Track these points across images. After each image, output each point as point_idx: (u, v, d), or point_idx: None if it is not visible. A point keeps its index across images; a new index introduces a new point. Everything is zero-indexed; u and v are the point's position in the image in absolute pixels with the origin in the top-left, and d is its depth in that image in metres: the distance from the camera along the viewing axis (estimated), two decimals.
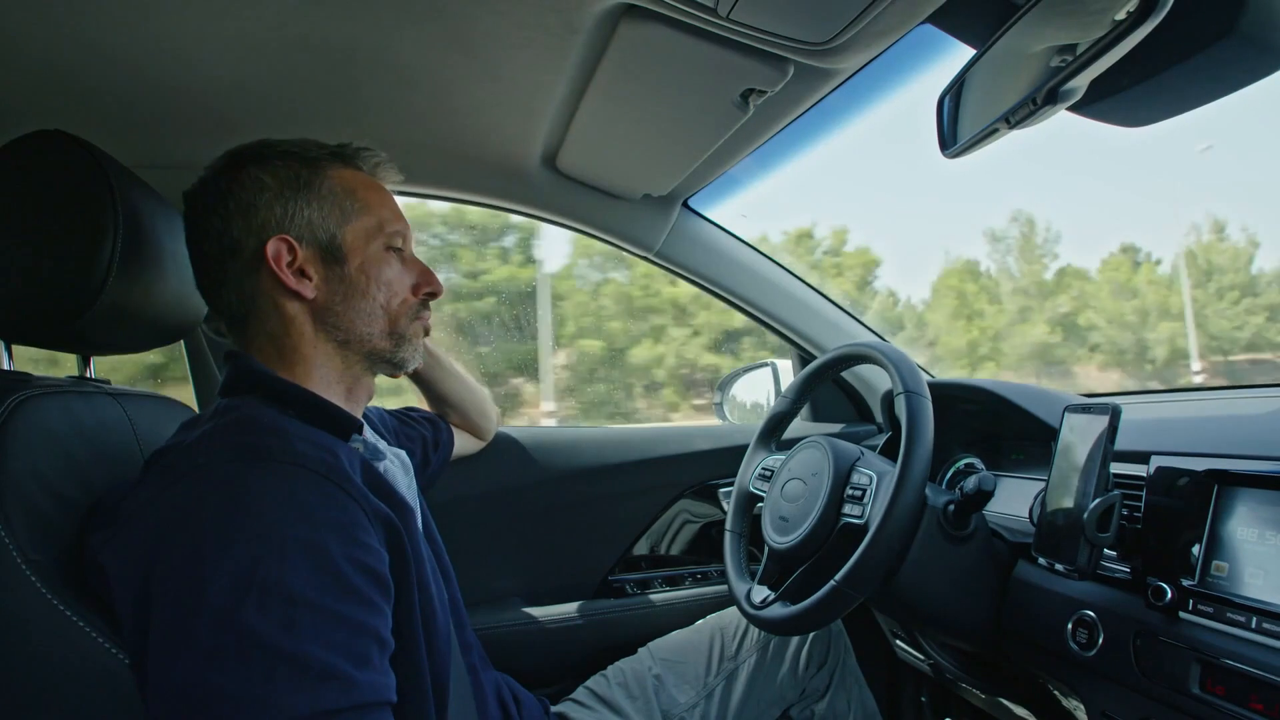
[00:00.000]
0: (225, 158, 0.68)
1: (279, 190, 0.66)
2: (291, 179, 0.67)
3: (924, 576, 0.82)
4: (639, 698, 0.99)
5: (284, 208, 0.66)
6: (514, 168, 1.18)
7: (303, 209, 0.67)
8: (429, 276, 0.75)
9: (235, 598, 0.48)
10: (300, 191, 0.67)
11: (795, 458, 0.95)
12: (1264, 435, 0.74)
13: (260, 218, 0.65)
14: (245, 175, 0.66)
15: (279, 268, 0.65)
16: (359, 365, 0.71)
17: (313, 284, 0.67)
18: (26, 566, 0.55)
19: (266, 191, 0.66)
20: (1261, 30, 0.55)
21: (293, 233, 0.66)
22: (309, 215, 0.67)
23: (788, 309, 1.39)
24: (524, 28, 0.81)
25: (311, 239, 0.67)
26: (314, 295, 0.67)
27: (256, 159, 0.67)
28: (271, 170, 0.67)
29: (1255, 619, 0.59)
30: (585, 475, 1.29)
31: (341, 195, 0.69)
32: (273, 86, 0.92)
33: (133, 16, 0.76)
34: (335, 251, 0.68)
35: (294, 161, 0.68)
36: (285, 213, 0.66)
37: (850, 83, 0.89)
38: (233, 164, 0.67)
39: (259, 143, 0.69)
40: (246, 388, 0.65)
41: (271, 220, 0.66)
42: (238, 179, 0.66)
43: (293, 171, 0.67)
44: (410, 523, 0.63)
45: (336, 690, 0.48)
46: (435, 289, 0.75)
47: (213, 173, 0.68)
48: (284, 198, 0.66)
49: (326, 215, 0.68)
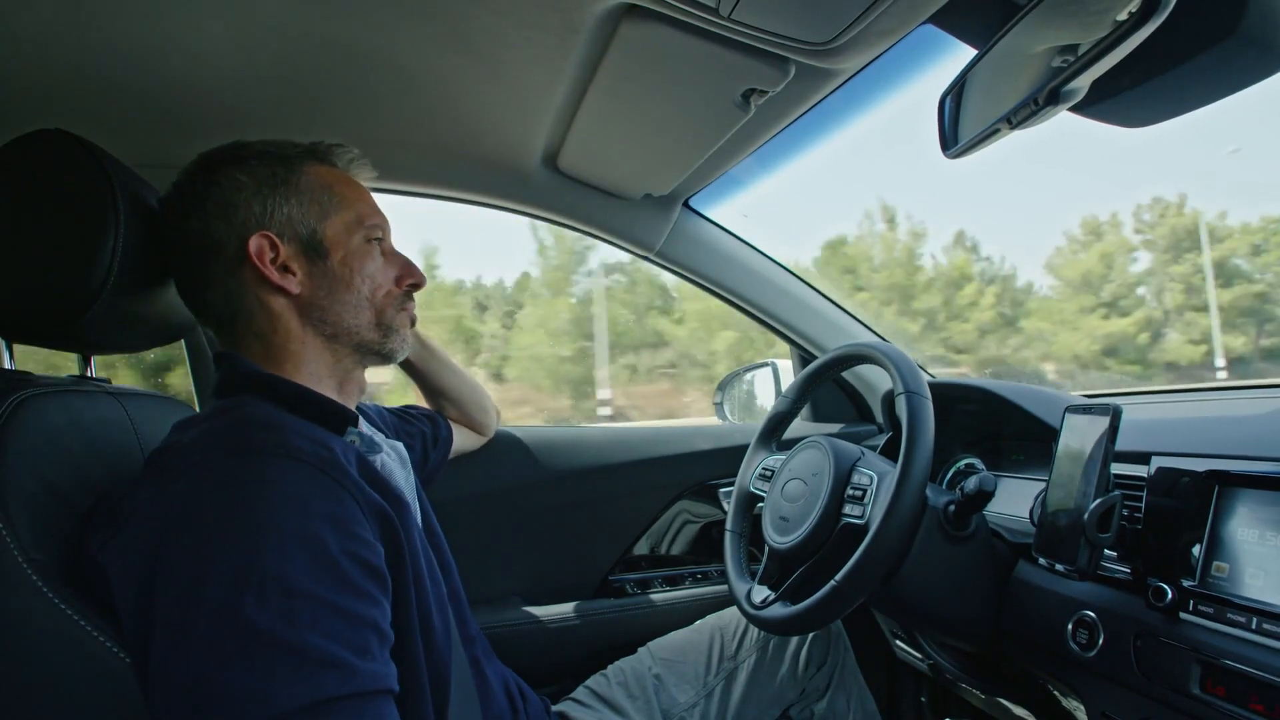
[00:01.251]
0: (198, 161, 0.68)
1: (257, 188, 0.66)
2: (269, 177, 0.67)
3: (924, 577, 0.82)
4: (639, 697, 0.99)
5: (263, 205, 0.66)
6: (515, 167, 1.18)
7: (282, 205, 0.67)
8: (411, 268, 0.75)
9: (234, 591, 0.48)
10: (278, 188, 0.67)
11: (796, 458, 0.95)
12: (1265, 436, 0.74)
13: (240, 216, 0.65)
14: (222, 175, 0.66)
15: (262, 264, 0.65)
16: (349, 358, 0.71)
17: (297, 279, 0.67)
18: (28, 565, 0.55)
19: (244, 190, 0.66)
20: (1263, 31, 0.55)
21: (274, 229, 0.66)
22: (289, 211, 0.67)
23: (788, 309, 1.39)
24: (525, 27, 0.81)
25: (293, 235, 0.67)
26: (299, 290, 0.67)
27: (232, 160, 0.67)
28: (248, 169, 0.67)
29: (1255, 620, 0.60)
30: (586, 475, 1.29)
31: (319, 190, 0.69)
32: (273, 86, 0.92)
33: (133, 16, 0.76)
34: (317, 246, 0.68)
35: (270, 160, 0.68)
36: (265, 210, 0.66)
37: (851, 83, 0.89)
38: (207, 166, 0.67)
39: (232, 144, 0.69)
40: (240, 387, 0.65)
41: (251, 218, 0.65)
42: (214, 180, 0.66)
43: (269, 169, 0.67)
44: (406, 516, 0.62)
45: (337, 678, 0.48)
46: (418, 280, 0.75)
47: (187, 176, 0.67)
48: (262, 195, 0.66)
49: (306, 211, 0.68)
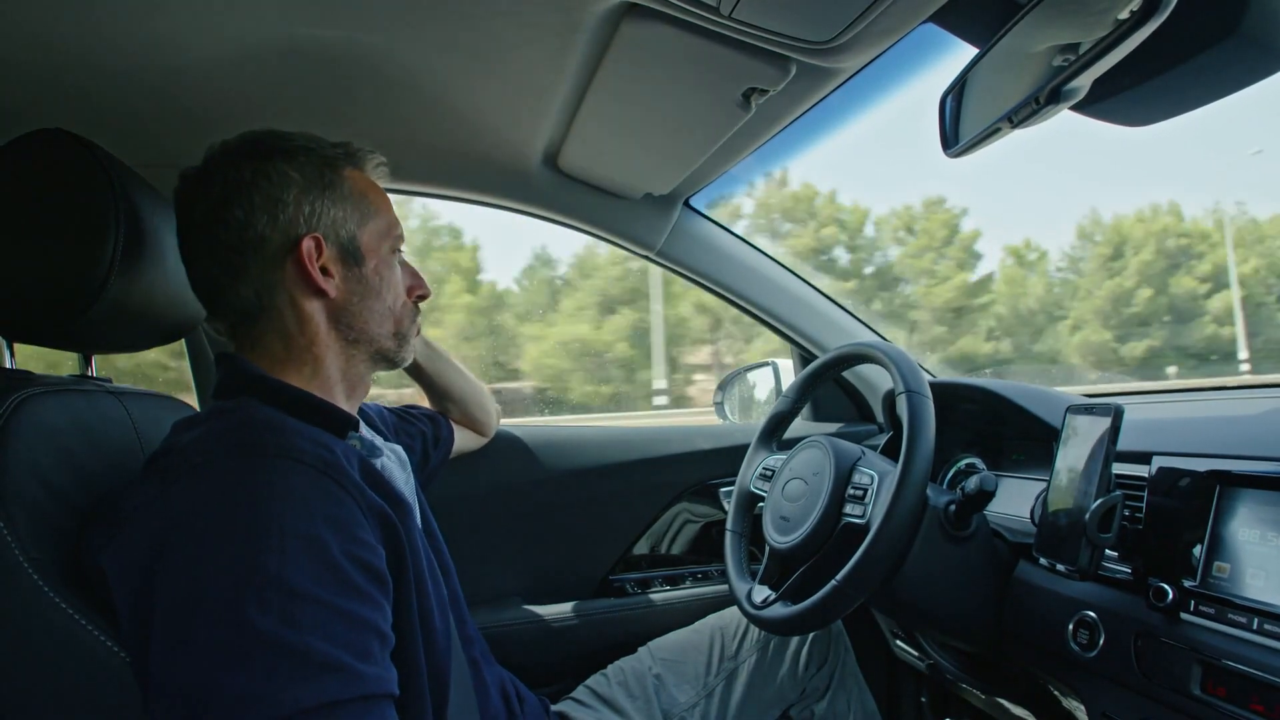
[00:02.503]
0: (244, 144, 0.66)
1: (306, 187, 0.66)
2: (316, 177, 0.67)
3: (925, 577, 0.82)
4: (639, 697, 0.99)
5: (311, 206, 0.66)
6: (515, 167, 1.18)
7: (329, 208, 0.67)
8: (420, 280, 0.76)
9: (235, 593, 0.48)
10: (326, 190, 0.67)
11: (796, 457, 0.95)
12: (1266, 436, 0.74)
13: (289, 214, 0.65)
14: (271, 168, 0.65)
15: (310, 264, 0.65)
16: (363, 364, 0.72)
17: (334, 283, 0.67)
18: (28, 564, 0.55)
19: (294, 187, 0.65)
20: (1264, 30, 0.55)
21: (321, 231, 0.66)
22: (334, 214, 0.67)
23: (789, 308, 1.38)
24: (525, 27, 0.81)
25: (335, 238, 0.67)
26: (335, 294, 0.67)
27: (281, 152, 0.66)
28: (297, 165, 0.66)
29: (1256, 620, 0.59)
30: (586, 474, 1.29)
31: (357, 197, 0.69)
32: (274, 85, 0.92)
33: (134, 16, 0.76)
34: (355, 252, 0.68)
35: (316, 159, 0.67)
36: (313, 211, 0.66)
37: (852, 82, 0.89)
38: (256, 153, 0.65)
39: (274, 133, 0.68)
40: (241, 389, 0.64)
41: (300, 217, 0.65)
42: (264, 170, 0.64)
43: (316, 169, 0.67)
44: (407, 519, 0.62)
45: (340, 682, 0.48)
46: (425, 293, 0.76)
47: (231, 158, 0.65)
48: (311, 195, 0.66)
49: (348, 215, 0.68)
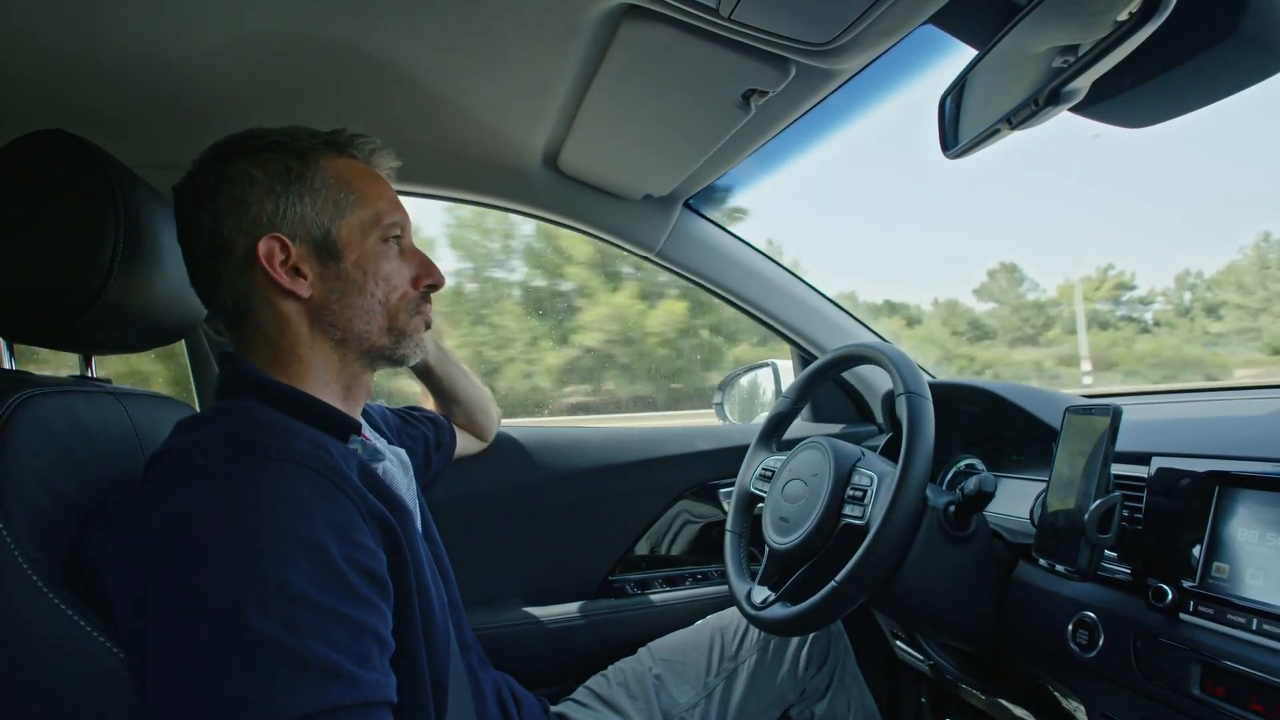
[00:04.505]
0: (212, 150, 0.65)
1: (269, 185, 0.64)
2: (282, 172, 0.64)
3: (924, 577, 0.82)
4: (639, 698, 0.99)
5: (275, 203, 0.63)
6: (515, 168, 1.18)
7: (294, 204, 0.64)
8: (430, 268, 0.72)
9: (235, 598, 0.47)
10: (291, 185, 0.64)
11: (796, 458, 0.95)
12: (1265, 436, 0.74)
13: (251, 215, 0.63)
14: (232, 169, 0.63)
15: (272, 267, 0.63)
16: (357, 364, 0.69)
17: (308, 282, 0.65)
18: (28, 565, 0.55)
19: (256, 186, 0.63)
20: (1263, 31, 0.55)
21: (285, 230, 0.64)
22: (301, 210, 0.64)
23: (788, 309, 1.39)
24: (525, 28, 0.81)
25: (305, 235, 0.64)
26: (310, 294, 0.65)
27: (244, 151, 0.64)
28: (260, 163, 0.64)
29: (1256, 620, 0.59)
30: (586, 475, 1.29)
31: (335, 187, 0.66)
32: (274, 85, 0.92)
33: (134, 16, 0.76)
34: (330, 248, 0.65)
35: (284, 153, 0.65)
36: (276, 209, 0.63)
37: (852, 83, 0.89)
38: (220, 157, 0.64)
39: (247, 133, 0.66)
40: (242, 390, 0.64)
41: (263, 217, 0.63)
42: (225, 173, 0.63)
43: (283, 164, 0.64)
44: (408, 524, 0.62)
45: (340, 688, 0.48)
46: (436, 280, 0.72)
47: (200, 166, 0.65)
48: (274, 192, 0.64)
49: (320, 209, 0.65)
